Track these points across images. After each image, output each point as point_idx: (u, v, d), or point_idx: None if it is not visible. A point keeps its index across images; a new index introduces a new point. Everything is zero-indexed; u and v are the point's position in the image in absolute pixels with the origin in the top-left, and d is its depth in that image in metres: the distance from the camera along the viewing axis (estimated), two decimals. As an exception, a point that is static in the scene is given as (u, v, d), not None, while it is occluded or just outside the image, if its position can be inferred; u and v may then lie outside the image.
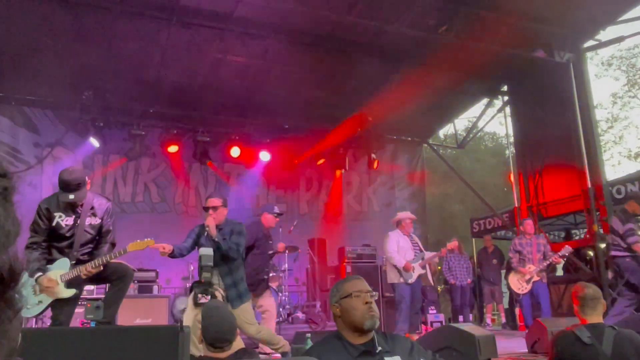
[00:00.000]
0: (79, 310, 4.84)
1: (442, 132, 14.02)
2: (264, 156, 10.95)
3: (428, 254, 7.26)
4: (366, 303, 2.26)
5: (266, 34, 8.22)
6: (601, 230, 8.50)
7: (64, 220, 4.05)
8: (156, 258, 9.04)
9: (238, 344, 2.95)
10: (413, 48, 9.06)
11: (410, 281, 6.89)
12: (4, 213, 0.43)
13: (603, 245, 8.42)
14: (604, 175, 8.85)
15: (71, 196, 3.91)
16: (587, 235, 9.02)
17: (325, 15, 7.86)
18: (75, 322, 5.32)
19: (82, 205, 4.09)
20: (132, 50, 8.45)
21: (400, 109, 11.32)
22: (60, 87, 9.13)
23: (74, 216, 4.08)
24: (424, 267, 7.12)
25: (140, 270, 8.25)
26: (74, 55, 8.23)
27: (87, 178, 4.06)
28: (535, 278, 7.43)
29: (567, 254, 7.60)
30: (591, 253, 8.97)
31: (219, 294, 4.19)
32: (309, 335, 4.72)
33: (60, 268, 4.01)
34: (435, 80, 10.34)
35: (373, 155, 11.72)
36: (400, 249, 6.99)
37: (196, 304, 4.04)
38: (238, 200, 11.37)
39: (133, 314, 6.74)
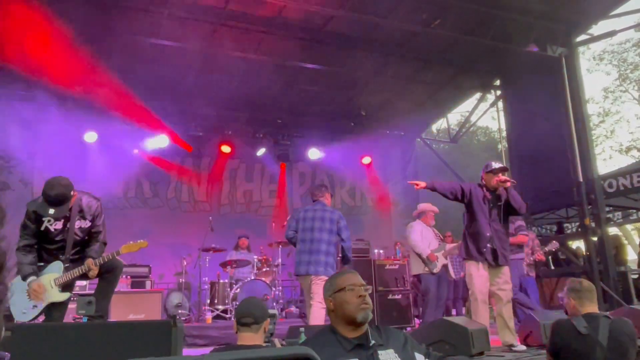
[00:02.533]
0: (71, 305, 4.83)
1: (435, 127, 14.02)
2: (257, 151, 10.94)
3: (449, 245, 7.29)
4: (360, 296, 2.27)
5: (259, 28, 8.19)
6: (593, 224, 8.55)
7: (53, 225, 4.02)
8: (149, 254, 9.06)
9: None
10: (406, 42, 9.05)
11: (435, 271, 6.91)
12: None
13: (595, 239, 8.47)
14: (595, 169, 8.89)
15: (51, 211, 3.86)
16: (579, 229, 9.08)
17: (318, 10, 7.83)
18: (68, 318, 5.29)
19: (70, 209, 4.04)
20: (124, 45, 8.38)
21: (393, 104, 11.35)
22: (53, 81, 9.05)
23: (63, 220, 4.04)
24: (446, 258, 7.15)
25: (133, 265, 8.22)
26: (66, 49, 8.15)
27: (72, 192, 3.98)
28: (524, 272, 7.46)
29: (553, 249, 7.63)
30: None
31: None
32: (302, 329, 4.72)
33: (53, 272, 4.00)
34: (428, 75, 10.36)
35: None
36: (424, 239, 6.98)
37: None
38: (230, 195, 11.37)
39: (126, 309, 6.72)
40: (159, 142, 10.08)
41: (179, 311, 8.03)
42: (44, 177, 9.64)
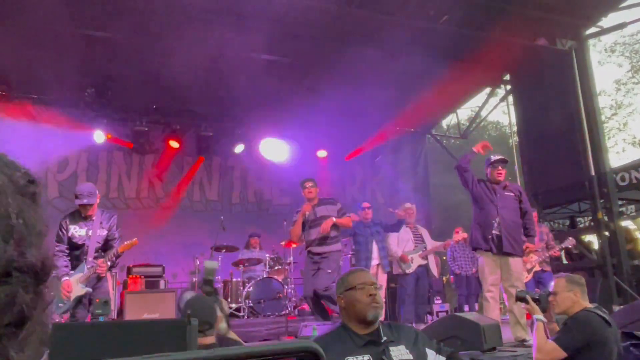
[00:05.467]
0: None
1: (444, 123, 13.97)
2: (267, 149, 10.98)
3: (433, 245, 7.43)
4: (370, 295, 2.29)
5: (266, 26, 8.21)
6: (605, 218, 8.50)
7: (78, 232, 4.93)
8: (162, 253, 9.15)
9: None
10: (414, 38, 9.03)
11: (408, 271, 7.20)
12: (35, 215, 0.49)
13: (607, 233, 8.42)
14: (607, 163, 8.83)
15: (85, 200, 4.80)
16: (592, 223, 9.02)
17: (326, 7, 7.84)
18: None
19: (93, 220, 4.98)
20: (134, 46, 8.44)
21: (402, 100, 11.33)
22: (64, 84, 9.15)
23: (86, 228, 4.95)
24: (424, 258, 7.26)
25: (146, 265, 8.30)
26: (77, 52, 8.25)
27: (97, 192, 4.99)
28: (537, 268, 7.44)
29: (570, 246, 7.59)
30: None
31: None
32: (315, 326, 4.76)
33: (80, 272, 4.89)
34: (437, 70, 10.32)
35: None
36: (400, 241, 7.30)
37: None
38: (242, 194, 11.43)
39: (140, 308, 6.79)
40: (171, 143, 10.16)
41: (193, 310, 8.09)
42: (57, 179, 9.76)
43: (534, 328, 3.27)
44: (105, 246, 5.05)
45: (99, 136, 9.61)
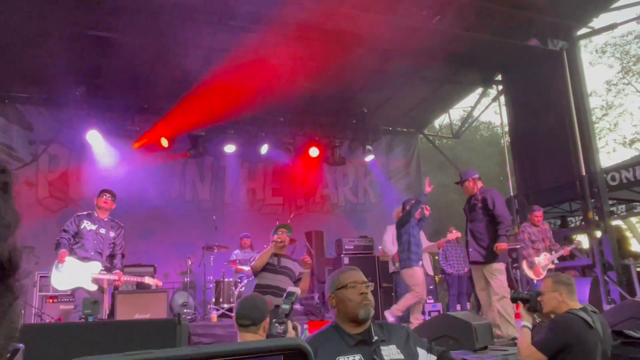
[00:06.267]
0: (66, 307, 5.50)
1: (437, 123, 14.03)
2: (260, 149, 10.95)
3: (427, 245, 7.49)
4: (361, 294, 2.29)
5: (259, 26, 8.19)
6: (596, 218, 8.55)
7: (89, 226, 5.62)
8: (154, 253, 9.11)
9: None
10: (406, 38, 9.04)
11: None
12: (4, 205, 0.48)
13: (598, 232, 8.47)
14: (598, 163, 8.88)
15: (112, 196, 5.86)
16: (583, 223, 9.07)
17: (319, 7, 7.83)
18: (75, 318, 5.36)
19: (105, 221, 5.74)
20: (126, 45, 8.40)
21: (395, 100, 11.36)
22: (54, 83, 9.09)
23: (97, 226, 5.65)
24: None
25: (138, 265, 8.26)
26: (67, 51, 8.19)
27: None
28: (551, 266, 7.58)
29: (578, 247, 7.77)
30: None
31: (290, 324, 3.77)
32: (306, 326, 4.75)
33: (93, 268, 5.53)
34: (429, 71, 10.35)
35: (368, 147, 11.73)
36: (394, 240, 7.31)
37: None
38: (234, 194, 11.39)
39: (132, 309, 6.75)
40: (161, 142, 10.10)
41: (185, 310, 8.07)
42: (47, 178, 9.69)
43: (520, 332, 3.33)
44: (113, 251, 5.84)
45: (93, 135, 9.52)
